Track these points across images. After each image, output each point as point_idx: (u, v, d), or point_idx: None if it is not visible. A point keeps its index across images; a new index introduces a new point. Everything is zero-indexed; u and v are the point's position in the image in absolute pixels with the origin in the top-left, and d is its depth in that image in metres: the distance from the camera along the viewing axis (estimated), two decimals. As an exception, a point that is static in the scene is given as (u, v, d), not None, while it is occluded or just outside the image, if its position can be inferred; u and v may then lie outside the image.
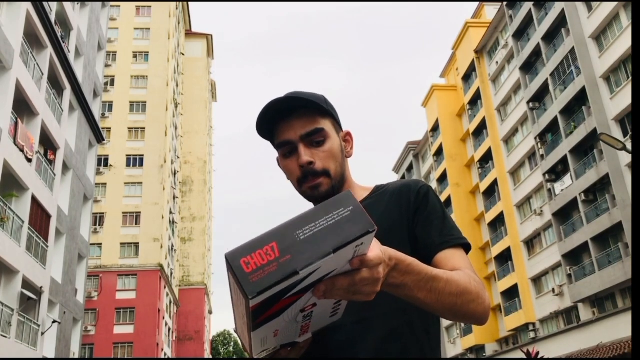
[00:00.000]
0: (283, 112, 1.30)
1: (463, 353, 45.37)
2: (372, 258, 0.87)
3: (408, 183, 1.36)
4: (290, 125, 1.29)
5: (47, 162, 20.49)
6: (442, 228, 1.29)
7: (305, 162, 1.28)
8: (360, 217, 0.83)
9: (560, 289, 31.47)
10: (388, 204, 1.34)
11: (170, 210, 50.74)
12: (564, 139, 30.34)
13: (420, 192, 1.33)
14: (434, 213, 1.31)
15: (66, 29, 23.54)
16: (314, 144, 1.30)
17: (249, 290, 0.78)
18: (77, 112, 24.91)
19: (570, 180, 29.68)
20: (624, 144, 13.18)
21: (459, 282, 1.10)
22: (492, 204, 40.29)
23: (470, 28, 43.81)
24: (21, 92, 17.70)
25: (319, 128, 1.29)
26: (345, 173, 1.37)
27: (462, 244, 1.29)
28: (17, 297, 17.14)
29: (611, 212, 26.15)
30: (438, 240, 1.26)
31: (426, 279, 1.03)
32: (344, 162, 1.37)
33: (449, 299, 1.07)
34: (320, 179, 1.30)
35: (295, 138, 1.29)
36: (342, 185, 1.36)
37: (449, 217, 1.32)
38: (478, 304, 1.12)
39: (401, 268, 0.98)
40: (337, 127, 1.38)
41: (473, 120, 43.41)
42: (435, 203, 1.33)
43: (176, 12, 57.67)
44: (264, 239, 0.81)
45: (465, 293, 1.10)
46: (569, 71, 29.88)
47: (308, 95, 1.31)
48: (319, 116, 1.31)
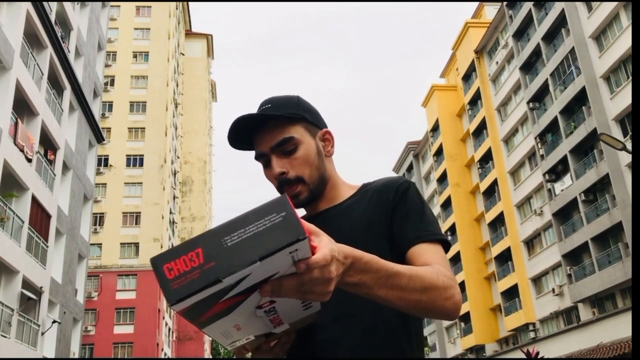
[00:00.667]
0: (256, 124, 1.31)
1: (463, 353, 45.36)
2: (318, 260, 0.84)
3: (390, 180, 1.36)
4: (262, 138, 1.31)
5: (47, 162, 20.48)
6: (419, 223, 1.27)
7: (277, 173, 1.29)
8: (291, 224, 0.79)
9: (560, 289, 31.47)
10: (370, 201, 1.33)
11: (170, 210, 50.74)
12: (564, 139, 30.34)
13: (400, 188, 1.32)
14: (412, 209, 1.29)
15: (66, 29, 23.53)
16: (286, 153, 1.30)
17: (169, 297, 0.76)
18: (77, 112, 24.91)
19: (570, 180, 29.68)
20: (624, 144, 13.18)
21: (424, 277, 1.06)
22: (492, 204, 40.28)
23: (470, 28, 43.81)
24: (21, 92, 17.70)
25: (287, 137, 1.29)
26: (326, 173, 1.37)
27: (438, 239, 1.26)
28: (17, 297, 17.14)
29: (611, 212, 26.15)
30: (412, 235, 1.25)
31: (386, 275, 1.00)
32: (323, 164, 1.35)
33: (413, 296, 1.05)
34: (297, 187, 1.31)
35: (267, 150, 1.30)
36: (323, 187, 1.36)
37: (428, 213, 1.30)
38: (446, 299, 1.09)
39: (358, 266, 0.96)
40: (313, 129, 1.36)
41: (473, 120, 43.41)
42: (415, 199, 1.31)
43: (176, 12, 57.67)
44: (191, 245, 0.78)
45: (431, 289, 1.07)
46: (569, 71, 29.88)
47: (278, 103, 1.32)
48: (287, 125, 1.31)
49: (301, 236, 0.78)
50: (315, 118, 1.38)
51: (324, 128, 1.40)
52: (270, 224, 0.79)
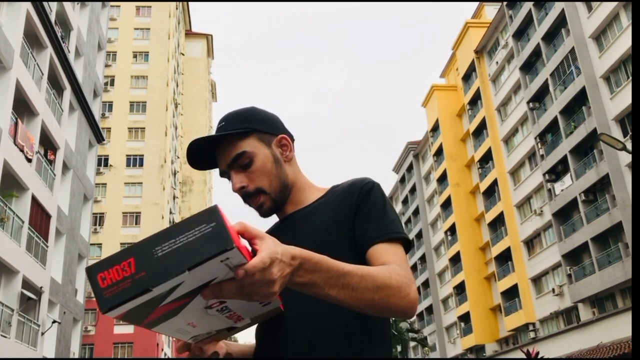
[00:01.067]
0: (212, 144, 1.35)
1: (463, 353, 45.37)
2: (255, 264, 0.86)
3: (355, 180, 1.37)
4: (220, 157, 1.35)
5: (47, 162, 20.48)
6: (379, 222, 1.27)
7: (237, 188, 1.33)
8: (220, 234, 0.80)
9: (560, 289, 31.47)
10: (335, 202, 1.35)
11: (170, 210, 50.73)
12: (564, 139, 30.34)
13: (364, 188, 1.33)
14: (374, 208, 1.30)
15: (66, 29, 23.53)
16: (243, 167, 1.33)
17: (102, 305, 0.80)
18: (77, 112, 24.91)
19: (570, 180, 29.68)
20: (624, 144, 13.18)
21: (376, 276, 1.07)
22: (492, 204, 40.28)
23: (470, 28, 43.82)
24: (21, 92, 17.70)
25: (239, 153, 1.32)
26: (288, 179, 1.38)
27: (398, 238, 1.26)
28: (17, 297, 17.14)
29: (611, 212, 26.15)
30: (373, 235, 1.25)
31: (337, 275, 1.01)
32: (282, 171, 1.37)
33: (365, 295, 1.05)
34: (259, 198, 1.34)
35: (225, 168, 1.34)
36: (286, 194, 1.38)
37: (390, 213, 1.31)
38: (400, 298, 1.10)
39: (308, 266, 0.97)
40: (267, 138, 1.37)
41: (473, 120, 43.41)
42: (377, 199, 1.32)
43: (176, 12, 57.66)
44: (123, 255, 0.81)
45: (383, 287, 1.07)
46: (569, 71, 29.88)
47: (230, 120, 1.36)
48: (239, 140, 1.33)
49: (229, 246, 0.79)
50: (269, 126, 1.39)
51: (280, 134, 1.40)
52: (200, 234, 0.80)
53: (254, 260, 0.86)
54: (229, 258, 0.81)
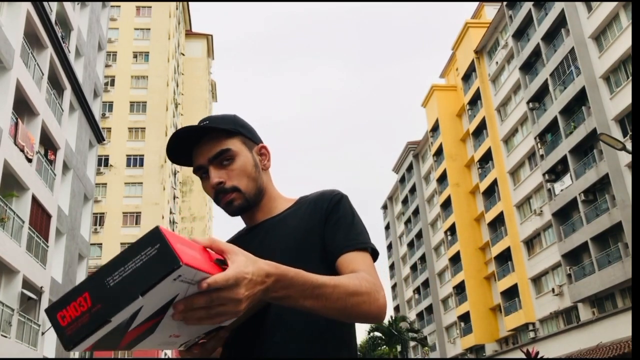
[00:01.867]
0: (193, 140, 1.37)
1: (463, 353, 45.39)
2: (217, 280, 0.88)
3: (324, 192, 1.42)
4: (200, 151, 1.36)
5: (48, 162, 20.49)
6: (348, 232, 1.32)
7: (214, 183, 1.34)
8: (166, 254, 0.81)
9: (560, 288, 31.49)
10: (305, 212, 1.38)
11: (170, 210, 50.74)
12: (563, 139, 30.35)
13: (333, 199, 1.38)
14: (343, 218, 1.34)
15: (66, 29, 23.54)
16: (223, 164, 1.35)
17: (65, 343, 0.82)
18: (78, 112, 24.92)
19: (570, 180, 29.69)
20: (624, 144, 13.20)
21: (347, 285, 1.11)
22: (492, 204, 40.30)
23: (470, 28, 43.83)
24: (21, 92, 17.71)
25: (224, 149, 1.35)
26: (263, 185, 1.42)
27: (367, 247, 1.31)
28: (17, 297, 17.15)
29: (611, 212, 26.17)
30: (342, 244, 1.29)
31: (312, 287, 1.04)
32: (259, 176, 1.41)
33: (338, 303, 1.09)
34: (232, 195, 1.36)
35: (205, 162, 1.36)
36: (259, 199, 1.41)
37: (359, 223, 1.36)
38: (370, 304, 1.14)
39: (283, 283, 1.00)
40: (250, 143, 1.42)
41: (473, 120, 43.43)
42: (346, 209, 1.36)
43: (176, 12, 57.67)
44: (78, 291, 0.83)
45: (354, 295, 1.11)
46: (569, 71, 29.90)
47: (216, 120, 1.38)
48: (225, 138, 1.36)
49: (176, 265, 0.80)
50: (251, 134, 1.44)
51: (260, 144, 1.46)
52: (147, 258, 0.81)
53: (218, 276, 0.88)
54: (181, 275, 0.82)
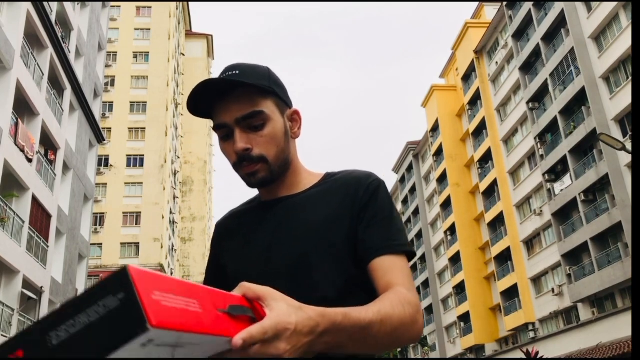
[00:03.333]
0: (220, 91, 1.17)
1: (463, 353, 45.39)
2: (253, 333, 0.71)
3: (359, 176, 1.25)
4: (227, 107, 1.17)
5: (48, 162, 20.51)
6: (387, 230, 1.18)
7: (240, 149, 1.16)
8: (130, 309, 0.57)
9: (559, 288, 31.50)
10: (335, 195, 1.23)
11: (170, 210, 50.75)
12: (563, 139, 30.36)
13: (370, 187, 1.22)
14: (380, 212, 1.19)
15: (66, 29, 23.55)
16: (252, 128, 1.18)
17: None
18: (78, 112, 24.93)
19: (570, 180, 29.70)
20: (624, 144, 13.20)
21: (392, 317, 0.98)
22: (492, 204, 40.31)
23: (470, 28, 43.84)
24: (22, 92, 17.72)
25: (257, 111, 1.17)
26: (290, 157, 1.25)
27: (405, 251, 1.17)
28: (17, 297, 17.16)
29: (611, 212, 26.18)
30: (379, 244, 1.15)
31: (360, 329, 0.92)
32: (288, 145, 1.24)
33: (384, 340, 0.98)
34: (257, 166, 1.19)
35: (231, 121, 1.17)
36: (284, 171, 1.25)
37: (397, 219, 1.21)
38: (413, 331, 1.03)
39: (331, 331, 0.86)
40: (282, 106, 1.24)
41: (473, 121, 43.44)
42: (385, 201, 1.21)
43: (176, 12, 57.68)
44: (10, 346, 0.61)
45: (400, 327, 1.00)
46: (569, 71, 29.91)
47: (248, 71, 1.19)
48: (258, 97, 1.18)
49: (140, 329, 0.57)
50: (285, 95, 1.26)
51: (292, 107, 1.29)
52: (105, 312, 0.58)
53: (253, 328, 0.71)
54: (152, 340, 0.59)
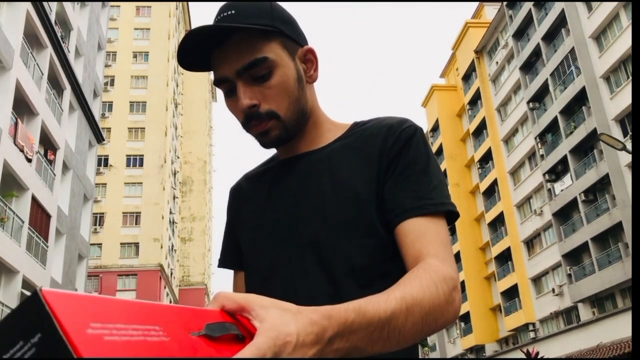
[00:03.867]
0: (215, 39, 0.97)
1: (463, 353, 45.38)
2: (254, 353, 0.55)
3: (391, 122, 1.04)
4: (225, 57, 0.98)
5: (47, 162, 20.49)
6: (419, 186, 0.96)
7: (245, 106, 0.98)
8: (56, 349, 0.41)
9: (560, 289, 31.48)
10: (363, 147, 1.03)
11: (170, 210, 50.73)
12: (563, 139, 30.35)
13: (403, 134, 1.01)
14: (413, 165, 0.98)
15: (66, 29, 23.53)
16: (257, 79, 0.98)
17: None
18: (77, 112, 24.91)
19: (570, 180, 29.69)
20: (624, 144, 13.18)
21: (422, 302, 0.77)
22: (492, 204, 40.30)
23: (470, 28, 43.83)
24: (21, 92, 17.70)
25: (259, 58, 0.96)
26: (307, 107, 1.05)
27: (442, 211, 0.95)
28: (17, 297, 17.14)
29: (611, 212, 26.16)
30: (408, 204, 0.94)
31: (380, 326, 0.71)
32: (304, 93, 1.04)
33: (412, 332, 0.76)
34: (268, 124, 1.00)
35: (231, 74, 0.98)
36: (302, 124, 1.05)
37: (434, 172, 0.99)
38: (448, 314, 0.82)
39: (343, 333, 0.66)
40: (292, 47, 1.03)
41: (473, 120, 43.43)
42: (420, 150, 1.00)
43: (176, 12, 57.67)
44: None
45: (432, 312, 0.78)
46: (569, 71, 29.89)
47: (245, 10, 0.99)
48: (260, 40, 0.98)
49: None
50: (294, 32, 1.04)
51: (304, 45, 1.07)
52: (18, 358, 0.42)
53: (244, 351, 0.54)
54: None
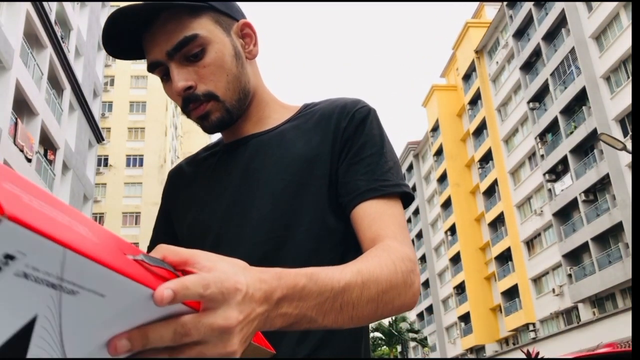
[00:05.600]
0: (143, 21, 0.91)
1: (463, 353, 45.38)
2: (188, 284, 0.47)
3: (343, 103, 1.01)
4: (154, 39, 0.91)
5: (47, 162, 20.48)
6: (374, 168, 0.93)
7: (180, 88, 0.91)
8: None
9: (560, 289, 31.47)
10: (314, 128, 0.99)
11: (170, 210, 50.77)
12: (564, 139, 30.34)
13: (356, 115, 0.98)
14: (368, 146, 0.95)
15: (66, 29, 23.53)
16: (190, 59, 0.92)
17: None
18: (77, 112, 24.91)
19: (571, 180, 29.68)
20: (624, 144, 13.17)
21: (379, 278, 0.73)
22: (492, 204, 40.29)
23: (470, 28, 43.82)
24: (21, 92, 17.70)
25: (189, 36, 0.90)
26: (249, 85, 0.99)
27: (398, 192, 0.93)
28: (16, 297, 17.14)
29: (611, 212, 26.15)
30: (363, 187, 0.91)
31: (333, 296, 0.65)
32: (244, 70, 0.98)
33: (367, 308, 0.71)
34: (207, 106, 0.94)
35: (162, 57, 0.92)
36: (245, 104, 0.99)
37: (389, 154, 0.96)
38: (405, 295, 0.78)
39: (293, 297, 0.60)
40: (226, 22, 0.97)
41: (473, 120, 43.43)
42: (373, 133, 0.97)
43: (176, 12, 57.75)
44: None
45: (388, 290, 0.74)
46: (569, 71, 29.88)
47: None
48: (189, 17, 0.91)
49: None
50: (227, 6, 0.99)
51: (240, 19, 1.01)
52: None
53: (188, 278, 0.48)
54: (29, 266, 0.37)
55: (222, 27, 0.95)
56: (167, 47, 0.91)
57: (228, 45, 0.95)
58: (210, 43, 0.93)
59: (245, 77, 0.98)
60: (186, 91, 0.92)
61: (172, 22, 0.90)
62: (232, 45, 0.96)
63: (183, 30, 0.90)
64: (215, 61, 0.93)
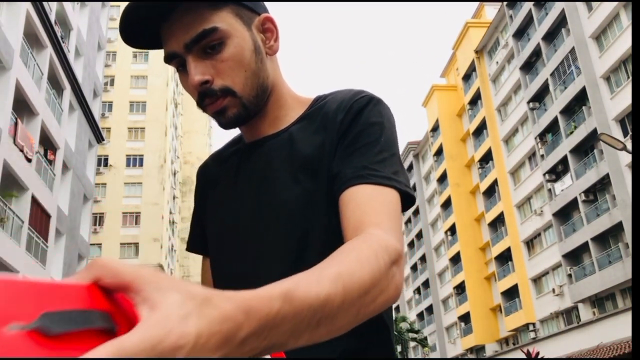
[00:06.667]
0: (159, 11, 0.88)
1: (463, 353, 45.38)
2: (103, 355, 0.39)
3: (344, 96, 0.97)
4: (172, 31, 0.89)
5: (47, 162, 20.48)
6: (365, 156, 0.87)
7: (197, 82, 0.88)
8: None
9: (560, 289, 31.47)
10: (317, 128, 0.96)
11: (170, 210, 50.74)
12: (564, 139, 30.34)
13: (354, 106, 0.93)
14: (362, 136, 0.90)
15: (66, 29, 23.53)
16: (208, 53, 0.89)
17: None
18: (77, 112, 24.91)
19: (571, 180, 29.68)
20: (624, 144, 13.17)
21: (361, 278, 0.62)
22: (492, 204, 40.29)
23: (470, 28, 43.82)
24: (21, 92, 17.69)
25: (208, 29, 0.87)
26: (268, 81, 0.95)
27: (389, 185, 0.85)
28: (16, 297, 17.12)
29: (611, 212, 26.15)
30: (350, 174, 0.86)
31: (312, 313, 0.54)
32: (263, 66, 0.94)
33: (348, 315, 0.60)
34: (223, 101, 0.91)
35: (180, 49, 0.89)
36: (263, 101, 0.96)
37: (386, 144, 0.90)
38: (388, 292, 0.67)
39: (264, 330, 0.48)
40: (247, 16, 0.93)
41: (473, 120, 43.43)
42: (370, 121, 0.91)
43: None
44: None
45: (371, 290, 0.64)
46: (569, 71, 29.89)
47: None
48: (209, 10, 0.88)
49: None
50: None
51: (263, 13, 0.97)
52: None
53: (98, 349, 0.37)
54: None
55: (242, 21, 0.92)
56: (185, 39, 0.88)
57: (248, 40, 0.92)
58: (229, 37, 0.89)
59: (264, 73, 0.94)
60: (202, 85, 0.89)
61: (191, 14, 0.88)
62: (252, 39, 0.93)
63: (202, 22, 0.87)
64: (234, 56, 0.90)
